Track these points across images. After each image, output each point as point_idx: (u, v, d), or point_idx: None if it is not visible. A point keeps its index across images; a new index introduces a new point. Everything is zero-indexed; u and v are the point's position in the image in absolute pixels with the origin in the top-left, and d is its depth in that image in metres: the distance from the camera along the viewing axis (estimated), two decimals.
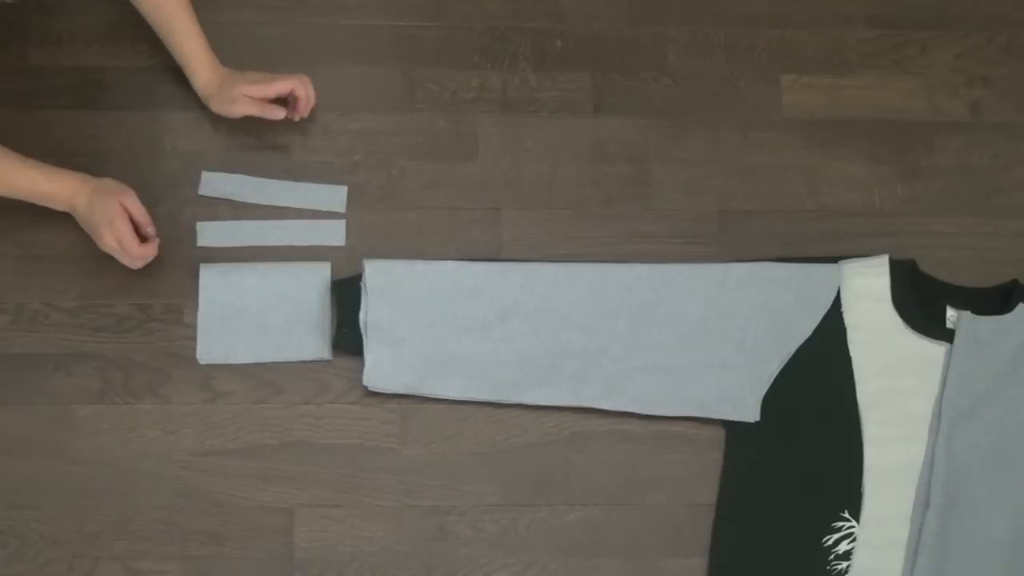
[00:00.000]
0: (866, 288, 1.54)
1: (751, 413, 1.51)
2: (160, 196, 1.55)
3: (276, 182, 1.57)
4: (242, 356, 1.51)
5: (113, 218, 1.42)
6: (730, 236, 1.60)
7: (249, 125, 1.58)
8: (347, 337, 1.51)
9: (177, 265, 1.54)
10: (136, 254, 1.45)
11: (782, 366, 1.52)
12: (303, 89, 1.53)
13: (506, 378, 1.51)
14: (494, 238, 1.58)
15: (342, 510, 1.49)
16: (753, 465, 1.51)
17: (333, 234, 1.56)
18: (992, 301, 1.56)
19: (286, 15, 1.64)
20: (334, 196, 1.57)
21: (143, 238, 1.47)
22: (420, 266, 1.53)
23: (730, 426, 1.52)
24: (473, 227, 1.58)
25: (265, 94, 1.51)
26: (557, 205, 1.60)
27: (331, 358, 1.52)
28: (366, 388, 1.50)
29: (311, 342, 1.52)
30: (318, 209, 1.57)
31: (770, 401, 1.51)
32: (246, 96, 1.51)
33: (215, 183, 1.56)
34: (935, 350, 1.53)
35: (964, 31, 1.70)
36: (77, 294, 1.53)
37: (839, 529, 1.48)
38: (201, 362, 1.51)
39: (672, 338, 1.53)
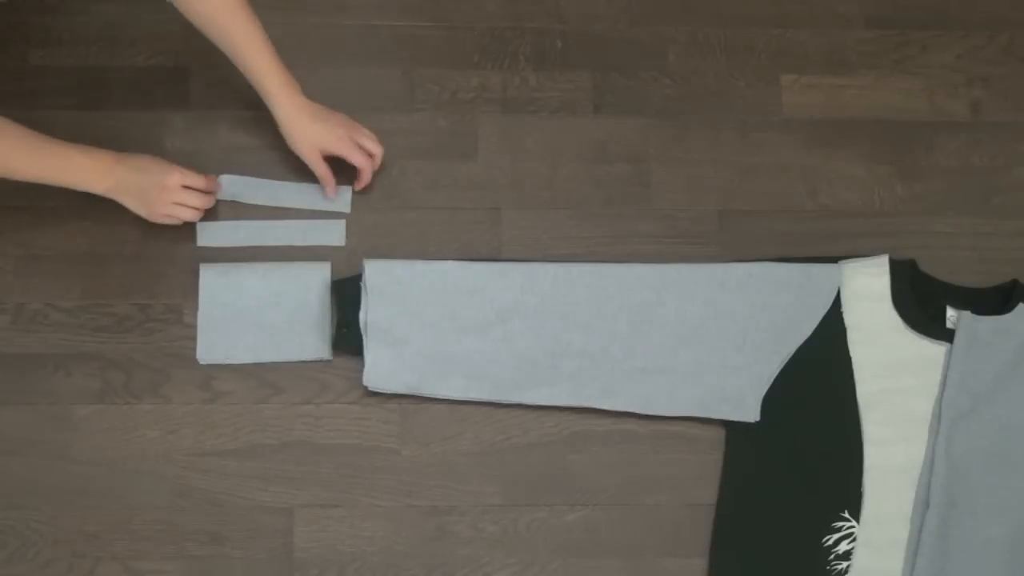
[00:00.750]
0: (866, 288, 1.54)
1: (751, 413, 1.51)
2: None
3: (281, 183, 1.57)
4: (242, 356, 1.51)
5: (168, 198, 1.45)
6: (730, 236, 1.60)
7: (250, 125, 1.58)
8: (347, 337, 1.51)
9: (177, 265, 1.54)
10: (203, 204, 1.49)
11: (782, 366, 1.52)
12: (371, 161, 1.54)
13: (506, 378, 1.51)
14: (494, 238, 1.58)
15: (342, 510, 1.49)
16: (753, 465, 1.51)
17: (333, 234, 1.56)
18: (992, 301, 1.56)
19: (286, 15, 1.64)
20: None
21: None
22: (420, 266, 1.53)
23: (730, 426, 1.52)
24: (473, 227, 1.58)
25: (341, 154, 1.52)
26: (557, 205, 1.60)
27: (331, 358, 1.52)
28: (366, 388, 1.50)
29: (311, 342, 1.52)
30: (323, 210, 1.56)
31: (770, 401, 1.51)
32: (319, 152, 1.51)
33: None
34: (935, 350, 1.53)
35: (964, 31, 1.70)
36: (77, 294, 1.53)
37: (839, 529, 1.48)
38: (201, 362, 1.51)
39: (672, 338, 1.53)
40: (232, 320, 1.51)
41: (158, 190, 1.45)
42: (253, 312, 1.52)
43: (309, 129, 1.49)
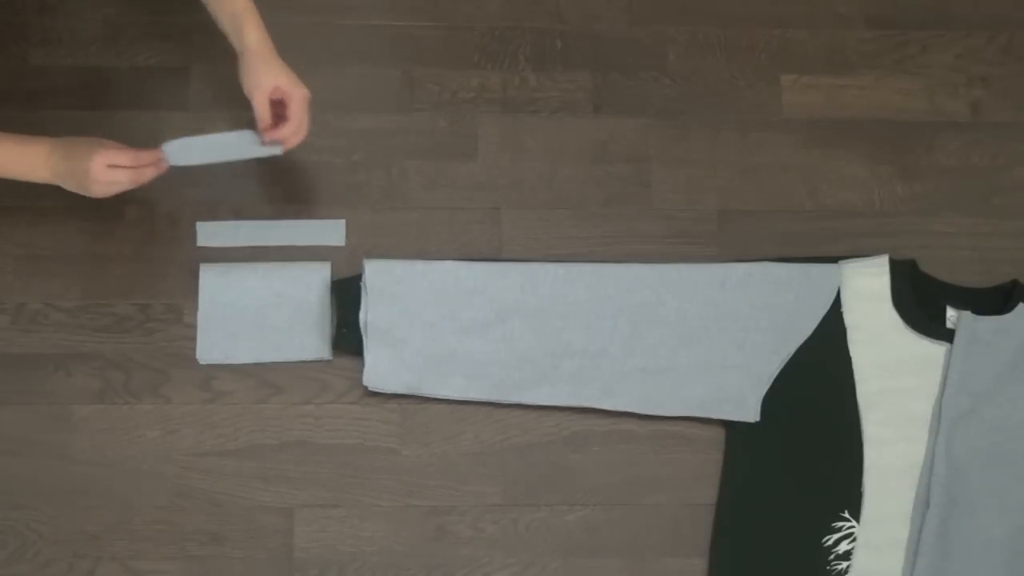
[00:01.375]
0: (866, 288, 1.54)
1: (751, 413, 1.51)
2: (160, 196, 1.55)
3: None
4: (242, 356, 1.51)
5: (93, 153, 1.38)
6: (730, 236, 1.60)
7: (250, 125, 1.58)
8: (347, 337, 1.51)
9: (177, 265, 1.54)
10: (140, 161, 1.40)
11: (782, 366, 1.52)
12: (296, 118, 1.45)
13: (506, 378, 1.51)
14: (494, 238, 1.58)
15: (342, 510, 1.49)
16: (753, 465, 1.51)
17: (333, 234, 1.56)
18: (992, 301, 1.56)
19: (286, 15, 1.64)
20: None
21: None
22: (420, 266, 1.53)
23: (730, 426, 1.52)
24: (473, 227, 1.58)
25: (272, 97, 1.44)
26: (557, 205, 1.60)
27: (331, 358, 1.52)
28: (366, 388, 1.50)
29: (311, 342, 1.52)
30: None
31: (770, 401, 1.51)
32: (260, 92, 1.43)
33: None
34: (935, 350, 1.53)
35: (964, 31, 1.70)
36: (77, 294, 1.53)
37: (839, 529, 1.48)
38: (201, 362, 1.51)
39: (672, 338, 1.53)
40: (232, 320, 1.51)
41: (83, 174, 1.39)
42: (253, 312, 1.52)
43: (271, 64, 1.43)
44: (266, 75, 1.43)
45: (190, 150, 1.46)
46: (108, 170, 1.39)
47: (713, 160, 1.63)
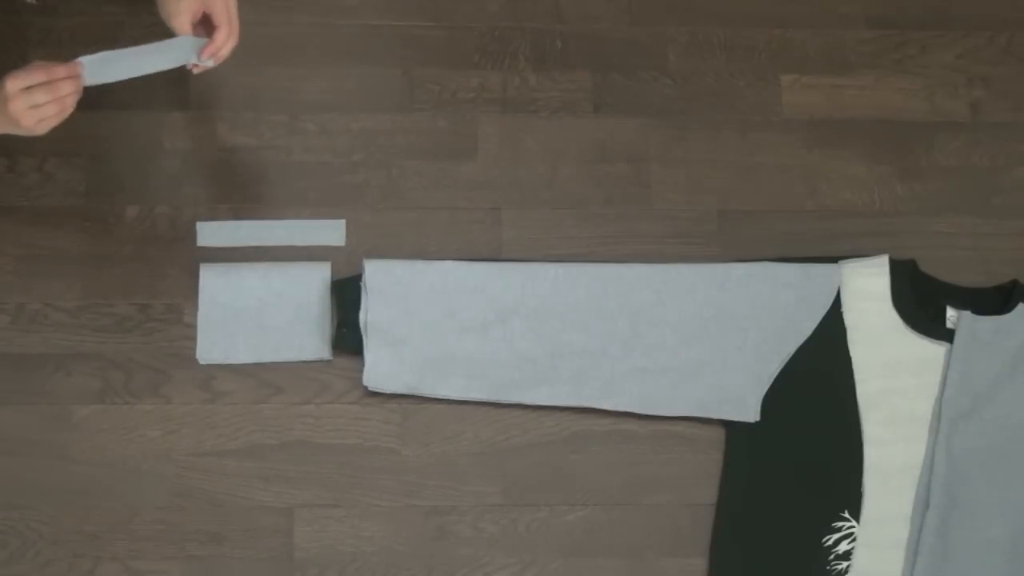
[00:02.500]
0: (866, 288, 1.54)
1: (751, 413, 1.51)
2: (160, 196, 1.55)
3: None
4: (242, 356, 1.51)
5: (8, 94, 1.29)
6: (730, 236, 1.60)
7: (250, 125, 1.58)
8: (347, 337, 1.51)
9: (177, 265, 1.54)
10: (54, 74, 1.29)
11: (782, 366, 1.52)
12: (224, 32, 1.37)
13: (506, 378, 1.51)
14: (494, 238, 1.58)
15: (342, 510, 1.49)
16: (753, 465, 1.51)
17: (333, 234, 1.56)
18: (992, 301, 1.56)
19: (286, 15, 1.64)
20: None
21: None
22: (420, 266, 1.53)
23: (730, 426, 1.52)
24: (473, 227, 1.58)
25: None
26: (557, 205, 1.60)
27: (331, 358, 1.52)
28: (366, 388, 1.50)
29: (311, 342, 1.52)
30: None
31: (770, 401, 1.51)
32: (180, 21, 1.36)
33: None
34: (935, 350, 1.53)
35: (964, 31, 1.70)
36: (77, 294, 1.53)
37: (839, 529, 1.48)
38: (201, 362, 1.51)
39: (672, 338, 1.53)
40: (232, 320, 1.51)
41: (2, 104, 1.30)
42: (253, 312, 1.52)
43: None
44: (182, 7, 1.35)
45: (110, 64, 1.37)
46: (24, 94, 1.30)
47: (713, 160, 1.63)
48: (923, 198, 1.63)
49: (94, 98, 1.59)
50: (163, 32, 1.60)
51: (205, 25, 1.38)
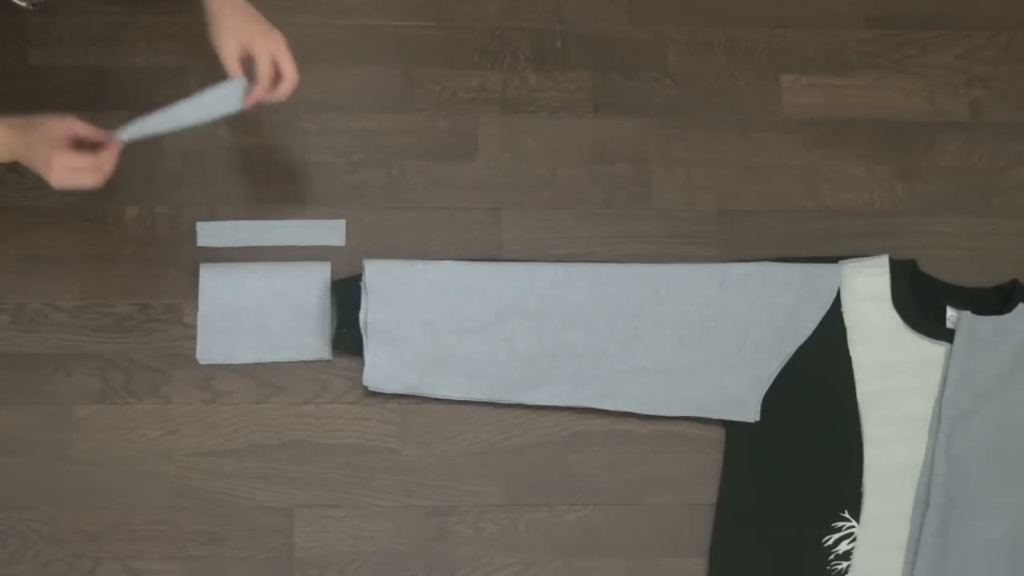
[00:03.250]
0: (866, 288, 1.54)
1: (751, 413, 1.51)
2: (160, 196, 1.55)
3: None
4: (242, 356, 1.51)
5: (51, 153, 1.32)
6: (730, 236, 1.60)
7: (250, 125, 1.58)
8: (347, 337, 1.51)
9: (177, 265, 1.54)
10: (91, 165, 1.34)
11: (782, 366, 1.52)
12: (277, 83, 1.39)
13: (506, 378, 1.51)
14: (494, 238, 1.58)
15: (342, 510, 1.49)
16: (753, 465, 1.51)
17: (333, 234, 1.56)
18: (992, 301, 1.56)
19: (286, 15, 1.63)
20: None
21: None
22: (420, 266, 1.53)
23: (730, 426, 1.52)
24: (473, 227, 1.58)
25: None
26: (557, 205, 1.60)
27: (331, 358, 1.52)
28: (366, 388, 1.50)
29: (311, 342, 1.52)
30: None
31: (770, 401, 1.51)
32: (225, 56, 1.38)
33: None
34: (935, 350, 1.53)
35: (964, 31, 1.70)
36: (77, 294, 1.53)
37: (839, 529, 1.48)
38: (201, 362, 1.51)
39: (672, 338, 1.53)
40: (232, 320, 1.51)
41: (43, 169, 1.33)
42: (253, 312, 1.52)
43: (242, 20, 1.37)
44: (227, 35, 1.36)
45: (148, 126, 1.40)
46: (69, 154, 1.33)
47: (713, 160, 1.63)
48: (923, 198, 1.63)
49: (94, 98, 1.60)
50: (164, 31, 1.61)
51: (249, 65, 1.37)
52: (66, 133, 1.33)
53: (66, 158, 1.32)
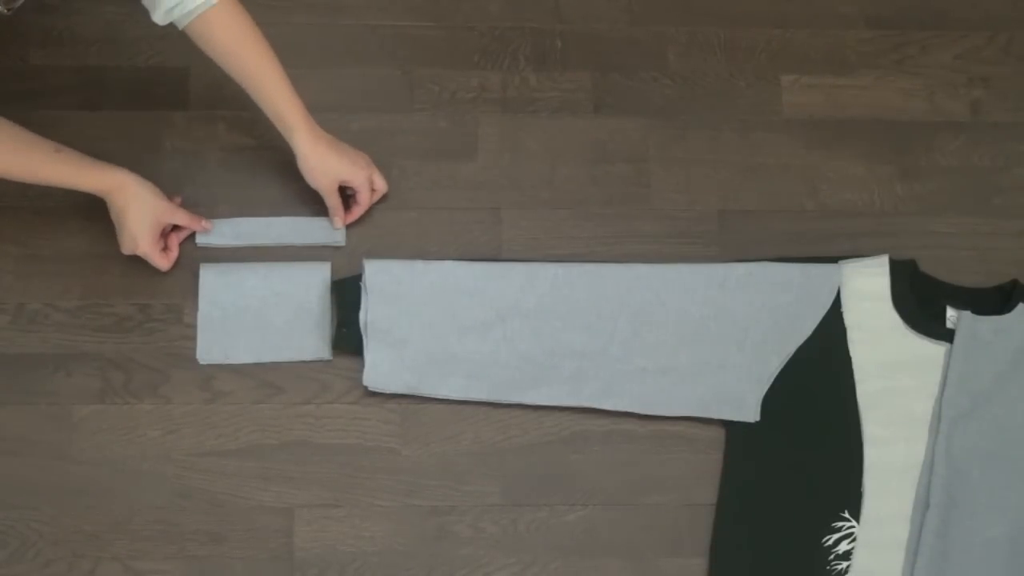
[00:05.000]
0: (866, 288, 1.54)
1: (751, 413, 1.51)
2: None
3: (273, 221, 1.56)
4: (242, 356, 1.51)
5: (145, 231, 1.46)
6: (730, 236, 1.60)
7: (249, 125, 1.58)
8: (347, 337, 1.51)
9: (177, 265, 1.54)
10: (162, 266, 1.51)
11: (782, 366, 1.52)
12: (368, 194, 1.55)
13: (506, 378, 1.51)
14: (494, 238, 1.58)
15: (342, 510, 1.49)
16: (753, 465, 1.51)
17: (333, 234, 1.56)
18: (992, 301, 1.56)
19: (286, 15, 1.64)
20: (333, 230, 1.56)
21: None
22: (420, 266, 1.53)
23: (730, 426, 1.52)
24: (473, 227, 1.58)
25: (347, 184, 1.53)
26: (557, 205, 1.60)
27: (331, 358, 1.52)
28: (366, 388, 1.50)
29: (311, 342, 1.52)
30: (319, 244, 1.56)
31: (770, 401, 1.51)
32: (336, 184, 1.52)
33: (211, 232, 1.55)
34: (935, 350, 1.53)
35: (964, 31, 1.70)
36: (77, 294, 1.53)
37: (839, 529, 1.48)
38: (201, 362, 1.51)
39: (672, 338, 1.53)
40: (232, 320, 1.51)
41: (128, 230, 1.46)
42: (253, 312, 1.52)
43: (330, 160, 1.49)
44: (323, 177, 1.50)
45: (240, 229, 1.56)
46: (153, 254, 1.49)
47: (713, 160, 1.63)
48: (923, 198, 1.63)
49: (94, 98, 1.60)
50: (164, 31, 1.60)
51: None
52: (169, 220, 1.49)
53: (156, 242, 1.49)
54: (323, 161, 1.48)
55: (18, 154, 1.38)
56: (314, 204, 1.57)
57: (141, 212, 1.45)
